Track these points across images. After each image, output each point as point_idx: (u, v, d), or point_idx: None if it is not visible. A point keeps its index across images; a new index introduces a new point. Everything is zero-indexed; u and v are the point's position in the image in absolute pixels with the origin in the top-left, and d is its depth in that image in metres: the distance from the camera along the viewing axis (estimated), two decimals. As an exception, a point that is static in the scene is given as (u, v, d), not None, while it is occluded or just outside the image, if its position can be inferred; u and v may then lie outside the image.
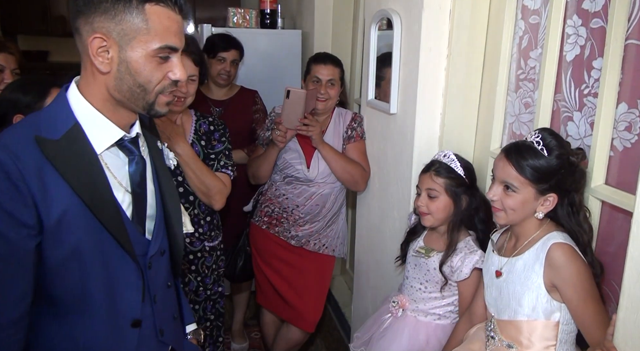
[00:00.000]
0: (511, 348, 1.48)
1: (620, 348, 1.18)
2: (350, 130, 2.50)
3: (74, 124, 1.11)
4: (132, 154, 1.21)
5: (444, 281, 1.82)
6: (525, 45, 1.78)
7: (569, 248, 1.38)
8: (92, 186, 1.10)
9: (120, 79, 1.10)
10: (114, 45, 1.08)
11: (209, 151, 2.09)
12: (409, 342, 1.88)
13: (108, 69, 1.09)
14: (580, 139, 1.55)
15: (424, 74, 2.01)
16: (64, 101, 1.14)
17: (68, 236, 1.09)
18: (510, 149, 1.46)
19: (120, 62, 1.09)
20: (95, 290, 1.14)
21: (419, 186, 1.88)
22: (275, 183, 2.53)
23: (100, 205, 1.11)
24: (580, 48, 1.54)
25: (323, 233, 2.55)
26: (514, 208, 1.44)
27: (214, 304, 2.24)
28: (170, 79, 1.15)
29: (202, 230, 2.13)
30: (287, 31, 3.69)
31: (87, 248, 1.11)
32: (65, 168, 1.07)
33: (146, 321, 1.24)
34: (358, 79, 3.20)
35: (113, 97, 1.13)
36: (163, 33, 1.10)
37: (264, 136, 2.56)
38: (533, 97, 1.75)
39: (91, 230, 1.11)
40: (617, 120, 1.42)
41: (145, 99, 1.14)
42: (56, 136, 1.08)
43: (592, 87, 1.50)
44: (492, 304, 1.56)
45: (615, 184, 1.45)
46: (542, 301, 1.41)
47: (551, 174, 1.40)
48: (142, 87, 1.12)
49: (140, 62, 1.09)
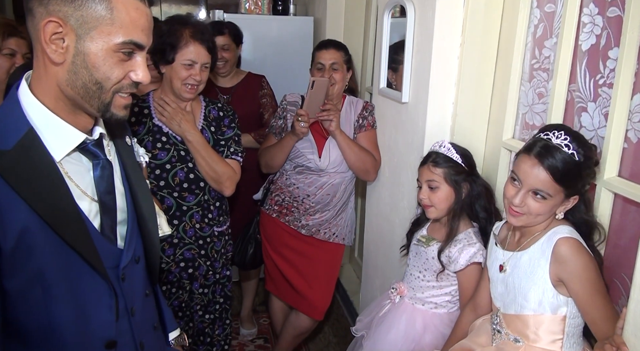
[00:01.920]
0: (518, 342, 1.47)
1: (630, 341, 1.17)
2: (361, 119, 2.49)
3: (28, 129, 0.97)
4: (96, 158, 1.09)
5: (441, 269, 1.83)
6: (540, 34, 1.76)
7: (575, 242, 1.37)
8: (52, 199, 0.97)
9: (74, 72, 0.98)
10: (70, 33, 0.95)
11: (218, 137, 2.10)
12: (405, 329, 1.90)
13: (61, 59, 0.97)
14: (594, 131, 1.53)
15: (437, 62, 1.99)
16: (14, 104, 1.00)
17: (28, 261, 0.96)
18: (543, 154, 1.36)
19: (76, 53, 0.96)
20: (63, 316, 1.03)
21: (419, 179, 1.88)
22: (286, 172, 2.53)
23: (63, 220, 0.98)
24: (596, 37, 1.52)
25: (333, 222, 2.55)
26: (541, 213, 1.40)
27: (223, 287, 2.27)
28: (132, 79, 1.03)
29: (212, 215, 2.14)
30: (299, 18, 3.67)
31: (51, 271, 0.99)
32: (19, 182, 0.93)
33: (123, 338, 1.14)
34: (370, 67, 3.17)
35: (64, 94, 1.00)
36: (129, 26, 0.98)
37: (276, 124, 2.55)
38: (547, 88, 1.73)
39: (54, 250, 0.98)
40: (631, 111, 1.40)
41: (101, 98, 1.01)
42: (7, 145, 0.94)
43: (607, 77, 1.48)
44: (498, 298, 1.56)
45: (629, 177, 1.44)
46: (549, 295, 1.40)
47: (580, 178, 1.38)
48: (98, 84, 0.99)
49: (100, 55, 0.97)
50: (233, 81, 2.95)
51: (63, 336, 1.04)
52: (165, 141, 2.02)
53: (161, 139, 2.02)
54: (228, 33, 2.85)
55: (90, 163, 1.09)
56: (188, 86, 1.96)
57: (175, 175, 2.01)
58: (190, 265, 2.12)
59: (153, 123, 2.02)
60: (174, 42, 1.92)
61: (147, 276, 1.26)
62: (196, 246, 2.11)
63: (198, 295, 2.18)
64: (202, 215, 2.10)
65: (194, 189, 2.05)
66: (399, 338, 1.90)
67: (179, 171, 2.02)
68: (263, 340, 3.15)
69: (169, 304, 2.09)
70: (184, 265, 2.11)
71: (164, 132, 2.02)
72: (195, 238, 2.10)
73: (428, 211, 1.86)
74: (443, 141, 1.86)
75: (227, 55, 2.83)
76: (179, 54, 1.93)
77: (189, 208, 2.07)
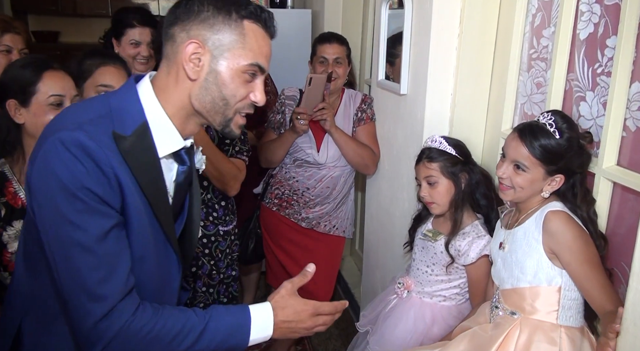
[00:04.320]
0: (514, 314, 1.51)
1: (630, 329, 1.18)
2: (360, 112, 2.48)
3: (143, 122, 1.09)
4: (184, 163, 1.20)
5: (450, 261, 1.82)
6: (538, 23, 1.75)
7: (564, 214, 1.43)
8: (156, 186, 1.11)
9: (205, 88, 1.10)
10: (207, 54, 1.08)
11: (223, 136, 2.06)
12: (414, 323, 1.90)
13: (197, 76, 1.09)
14: (592, 120, 1.53)
15: (435, 53, 1.98)
16: (134, 96, 1.11)
17: (132, 233, 1.08)
18: (524, 129, 1.48)
19: (210, 71, 1.09)
20: (148, 286, 1.14)
21: (417, 177, 1.88)
22: (285, 165, 2.53)
23: (161, 207, 1.12)
24: (594, 26, 1.51)
25: (333, 214, 2.56)
26: (522, 186, 1.48)
27: (227, 287, 2.24)
28: (251, 99, 1.15)
29: (217, 214, 2.12)
30: (297, 10, 3.66)
31: (149, 248, 1.12)
32: (135, 165, 1.06)
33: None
34: (369, 59, 3.16)
35: (192, 106, 1.12)
36: (256, 51, 1.11)
37: (275, 119, 2.55)
38: (545, 77, 1.73)
39: (150, 227, 1.11)
40: (630, 100, 1.40)
41: (225, 114, 1.14)
42: (127, 131, 1.06)
43: (605, 66, 1.48)
44: (496, 276, 1.60)
45: (627, 165, 1.43)
46: (544, 266, 1.45)
47: (561, 156, 1.43)
48: (225, 100, 1.12)
49: (230, 74, 1.10)
50: None
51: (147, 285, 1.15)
52: None
53: None
54: None
55: (174, 165, 1.20)
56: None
57: None
58: (193, 264, 2.10)
59: None
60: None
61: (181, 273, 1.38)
62: (200, 245, 2.09)
63: (201, 294, 2.16)
64: (207, 213, 2.09)
65: None
66: (408, 332, 1.89)
67: None
68: (265, 333, 3.15)
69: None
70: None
71: None
72: (199, 236, 2.08)
73: (431, 208, 1.86)
74: (434, 136, 1.87)
75: None
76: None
77: None
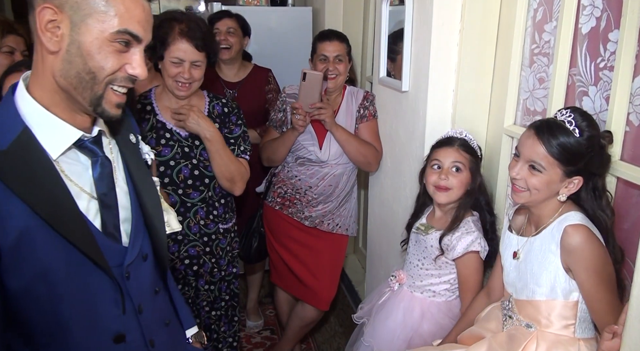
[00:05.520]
0: (530, 327, 1.46)
1: (634, 325, 1.16)
2: (362, 109, 2.48)
3: (22, 129, 0.96)
4: (95, 155, 1.07)
5: (438, 254, 1.82)
6: (539, 18, 1.74)
7: (584, 230, 1.34)
8: (50, 198, 0.96)
9: (69, 61, 0.97)
10: (65, 21, 0.94)
11: (226, 135, 2.05)
12: (404, 317, 1.91)
13: (57, 48, 0.96)
14: (595, 114, 1.52)
15: (436, 50, 1.97)
16: (9, 103, 1.00)
17: (30, 259, 0.96)
18: (541, 126, 1.38)
19: (71, 41, 0.95)
20: (68, 311, 1.03)
21: (440, 159, 1.82)
22: (287, 164, 2.52)
23: (63, 219, 0.98)
24: (596, 20, 1.50)
25: (336, 213, 2.55)
26: (538, 188, 1.38)
27: (229, 284, 2.24)
28: (127, 72, 1.01)
29: (217, 212, 2.12)
30: (298, 8, 3.65)
31: (54, 269, 0.99)
32: (16, 183, 0.93)
33: (132, 334, 1.13)
34: (370, 56, 3.16)
35: (59, 86, 0.99)
36: (124, 15, 0.96)
37: (276, 117, 2.54)
38: (548, 72, 1.71)
39: (56, 248, 0.98)
40: (633, 94, 1.39)
41: (94, 89, 0.99)
42: (2, 145, 0.93)
43: (608, 60, 1.47)
44: (510, 283, 1.54)
45: (631, 160, 1.42)
46: (561, 280, 1.39)
47: (581, 156, 1.34)
48: (92, 73, 0.98)
49: (95, 44, 0.96)
50: (240, 75, 2.91)
51: (71, 333, 1.04)
52: (169, 138, 2.00)
53: (165, 136, 2.00)
54: (236, 18, 2.83)
55: (88, 161, 1.07)
56: (179, 83, 1.92)
57: (180, 172, 2.00)
58: (195, 262, 2.10)
59: (157, 119, 2.00)
60: (164, 38, 1.87)
61: (156, 273, 1.24)
62: (201, 243, 2.09)
63: (204, 292, 2.17)
64: (207, 212, 2.08)
65: (198, 186, 2.03)
66: (398, 326, 1.90)
67: (183, 167, 2.00)
68: (269, 331, 3.16)
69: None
70: (189, 262, 2.09)
71: (168, 129, 2.00)
72: (200, 235, 2.08)
73: (441, 195, 1.81)
74: (462, 130, 1.87)
75: (232, 40, 2.78)
76: (167, 51, 1.88)
77: (193, 204, 2.05)
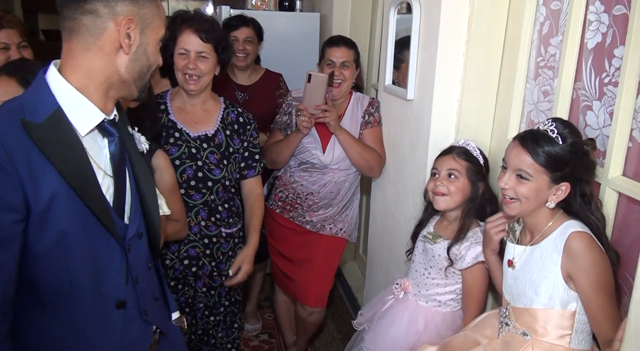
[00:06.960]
0: (526, 335, 1.47)
1: (632, 341, 1.17)
2: (367, 115, 2.49)
3: (57, 107, 1.10)
4: (112, 136, 1.22)
5: (448, 264, 1.83)
6: (546, 31, 1.75)
7: (587, 237, 1.37)
8: (78, 170, 1.10)
9: (135, 60, 1.17)
10: (136, 29, 1.15)
11: (251, 150, 2.16)
12: (407, 325, 1.90)
13: (130, 50, 1.15)
14: (599, 129, 1.52)
15: (442, 59, 1.98)
16: (43, 85, 1.13)
17: (56, 223, 1.09)
18: (526, 136, 1.43)
19: (140, 44, 1.16)
20: (80, 276, 1.15)
21: (437, 167, 1.86)
22: (290, 168, 2.53)
23: (87, 189, 1.11)
24: (602, 35, 1.51)
25: (338, 218, 2.56)
26: (527, 196, 1.42)
27: (229, 290, 2.22)
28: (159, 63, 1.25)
29: (220, 216, 2.11)
30: (306, 14, 3.66)
31: (73, 234, 1.11)
32: (51, 152, 1.06)
33: (130, 301, 1.26)
34: (376, 63, 3.17)
35: (120, 77, 1.17)
36: (164, 23, 1.22)
37: (282, 120, 2.55)
38: (552, 85, 1.72)
39: (78, 215, 1.11)
40: (637, 110, 1.39)
41: (146, 79, 1.23)
42: (39, 119, 1.07)
43: (612, 76, 1.47)
44: (507, 291, 1.56)
45: (633, 176, 1.43)
46: (559, 290, 1.40)
47: (565, 162, 1.38)
48: (150, 67, 1.21)
49: (154, 45, 1.20)
50: (252, 79, 2.93)
51: (81, 296, 1.16)
52: (178, 137, 2.02)
53: (174, 135, 2.02)
54: (253, 26, 2.84)
55: (104, 141, 1.21)
56: (187, 76, 1.96)
57: (184, 172, 2.01)
58: (194, 263, 2.09)
59: (169, 119, 2.04)
60: (173, 35, 1.95)
61: (149, 251, 1.37)
62: (201, 245, 2.09)
63: (202, 294, 2.15)
64: (209, 214, 2.08)
65: (200, 188, 2.04)
66: (401, 334, 1.90)
67: (187, 168, 2.01)
68: (267, 335, 3.16)
69: (176, 299, 2.07)
70: (188, 263, 2.08)
71: (178, 128, 2.03)
72: (200, 236, 2.08)
73: (439, 200, 1.83)
74: (468, 140, 1.88)
75: (250, 48, 2.81)
76: (176, 45, 1.96)
77: (195, 205, 2.06)
